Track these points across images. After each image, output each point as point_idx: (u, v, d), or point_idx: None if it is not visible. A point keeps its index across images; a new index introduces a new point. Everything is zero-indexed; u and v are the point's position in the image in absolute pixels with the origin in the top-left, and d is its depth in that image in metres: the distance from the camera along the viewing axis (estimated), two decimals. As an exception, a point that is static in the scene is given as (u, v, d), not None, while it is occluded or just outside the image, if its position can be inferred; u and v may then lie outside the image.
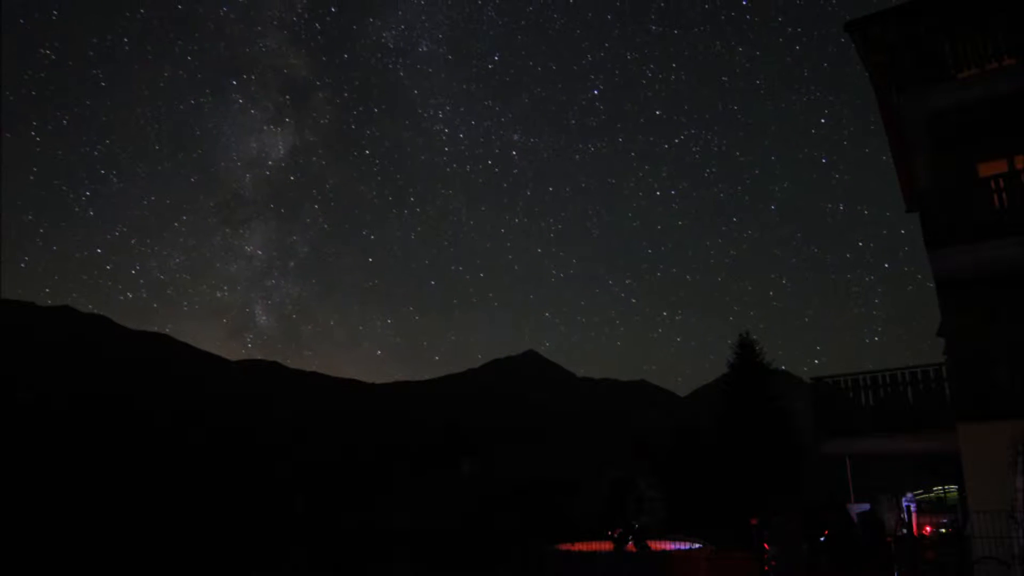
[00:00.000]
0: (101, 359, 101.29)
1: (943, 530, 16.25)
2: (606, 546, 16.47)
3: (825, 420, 11.99)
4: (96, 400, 67.59)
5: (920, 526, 16.39)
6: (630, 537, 16.01)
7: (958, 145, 11.24)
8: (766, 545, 12.96)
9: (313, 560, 26.87)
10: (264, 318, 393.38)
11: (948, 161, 11.20)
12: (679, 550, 15.96)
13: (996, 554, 8.73)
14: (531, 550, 18.96)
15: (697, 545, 16.34)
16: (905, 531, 13.65)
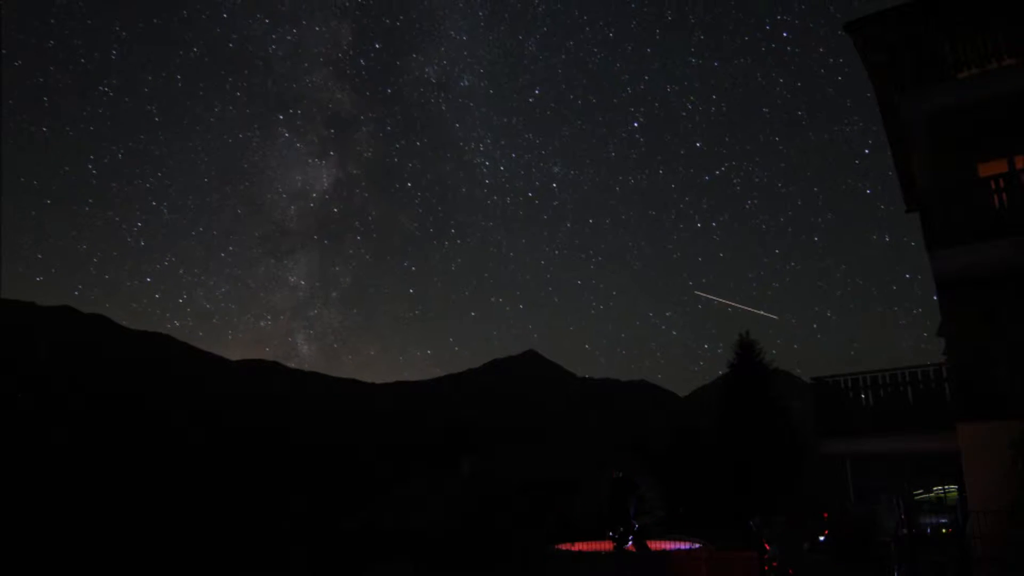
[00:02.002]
0: (101, 359, 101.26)
1: (943, 530, 16.23)
2: (606, 546, 16.45)
3: (825, 420, 11.99)
4: (97, 400, 67.63)
5: (920, 526, 16.37)
6: (630, 537, 16.00)
7: (958, 145, 11.24)
8: (766, 545, 12.98)
9: (313, 560, 26.88)
10: (306, 347, 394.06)
11: (948, 161, 11.19)
12: (679, 550, 15.94)
13: (996, 554, 8.72)
14: (531, 550, 18.95)
15: (697, 545, 16.32)
16: (905, 531, 13.64)
